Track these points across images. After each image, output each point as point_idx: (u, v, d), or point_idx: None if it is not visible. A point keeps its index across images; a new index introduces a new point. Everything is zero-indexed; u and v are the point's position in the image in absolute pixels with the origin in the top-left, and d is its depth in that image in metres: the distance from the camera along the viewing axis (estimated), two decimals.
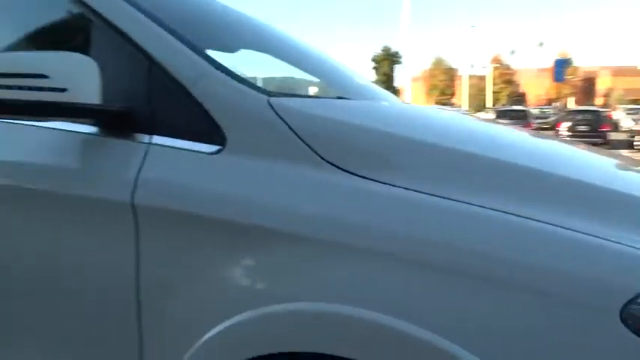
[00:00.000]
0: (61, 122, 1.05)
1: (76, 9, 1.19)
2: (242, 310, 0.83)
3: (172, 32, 1.09)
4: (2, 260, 1.15)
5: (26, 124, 1.09)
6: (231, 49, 1.97)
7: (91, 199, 1.01)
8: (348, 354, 0.77)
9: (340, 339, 0.79)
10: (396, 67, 35.88)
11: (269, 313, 0.83)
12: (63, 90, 0.96)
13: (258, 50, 2.09)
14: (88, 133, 1.06)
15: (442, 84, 53.49)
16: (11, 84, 0.95)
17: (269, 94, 1.01)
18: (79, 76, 0.98)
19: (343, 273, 0.81)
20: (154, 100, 1.04)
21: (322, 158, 0.88)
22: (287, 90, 2.15)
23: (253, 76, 2.20)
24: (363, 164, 0.87)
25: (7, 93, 0.95)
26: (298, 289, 0.84)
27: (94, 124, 1.05)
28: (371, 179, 0.85)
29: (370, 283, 0.79)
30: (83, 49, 1.09)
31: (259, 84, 2.07)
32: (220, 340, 0.85)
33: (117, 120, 1.04)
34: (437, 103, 40.71)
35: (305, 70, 2.04)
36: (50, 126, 1.07)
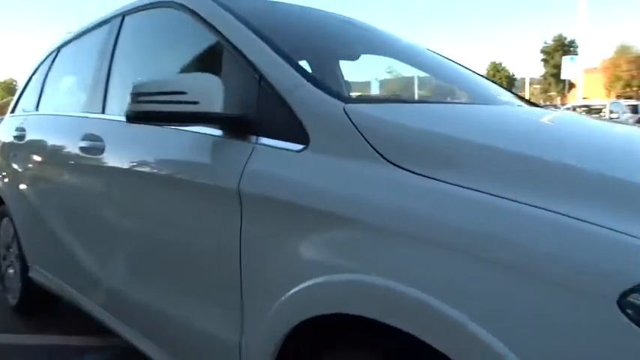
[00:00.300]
0: (195, 127, 1.39)
1: (210, 37, 1.53)
2: (316, 277, 1.04)
3: (279, 52, 1.35)
4: (156, 229, 1.57)
5: (174, 129, 1.45)
6: (353, 56, 2.22)
7: (213, 187, 1.32)
8: (391, 322, 0.92)
9: (384, 308, 0.94)
10: (565, 58, 32.17)
11: (334, 281, 1.02)
12: (196, 103, 1.27)
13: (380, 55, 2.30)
14: (215, 135, 1.37)
15: (627, 75, 46.65)
16: (161, 100, 1.29)
17: (347, 100, 1.19)
18: (207, 91, 1.28)
19: (395, 255, 0.96)
20: (261, 108, 1.30)
21: (383, 157, 1.04)
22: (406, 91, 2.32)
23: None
24: (417, 163, 1.00)
25: (158, 106, 1.30)
26: (359, 264, 1.01)
27: (219, 128, 1.36)
28: (426, 176, 0.96)
29: (416, 265, 0.92)
30: (212, 69, 1.41)
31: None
32: (299, 296, 1.07)
33: (234, 124, 1.33)
34: (618, 96, 35.74)
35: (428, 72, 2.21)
36: (189, 130, 1.41)
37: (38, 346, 2.46)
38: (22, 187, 2.61)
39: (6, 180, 2.82)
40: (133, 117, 1.35)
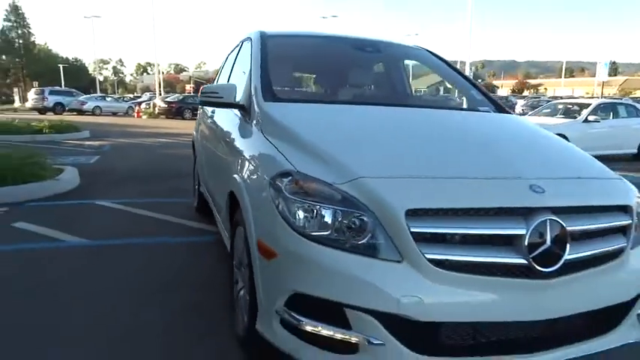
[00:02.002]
0: (227, 108, 2.85)
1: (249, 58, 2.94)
2: (233, 175, 2.38)
3: (264, 70, 2.69)
4: (218, 153, 3.10)
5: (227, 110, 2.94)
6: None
7: (229, 134, 2.77)
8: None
9: (236, 188, 2.25)
10: None
11: (235, 177, 2.35)
12: (221, 97, 2.71)
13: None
14: (235, 114, 2.80)
15: None
16: (209, 96, 2.76)
17: (267, 99, 2.47)
18: (227, 92, 2.71)
19: (243, 167, 2.26)
20: (249, 101, 2.65)
21: (261, 131, 2.31)
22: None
23: None
24: (277, 138, 2.23)
25: (209, 99, 2.78)
26: (239, 169, 2.32)
27: (239, 110, 2.77)
28: (274, 143, 2.19)
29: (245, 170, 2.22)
30: (245, 77, 2.84)
31: None
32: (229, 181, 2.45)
33: (239, 108, 2.72)
34: None
35: None
36: (227, 110, 2.88)
37: (193, 227, 4.39)
38: (197, 137, 4.53)
39: (196, 134, 4.80)
40: (200, 103, 2.88)
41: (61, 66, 64.87)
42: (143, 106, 32.39)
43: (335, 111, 2.56)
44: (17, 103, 50.10)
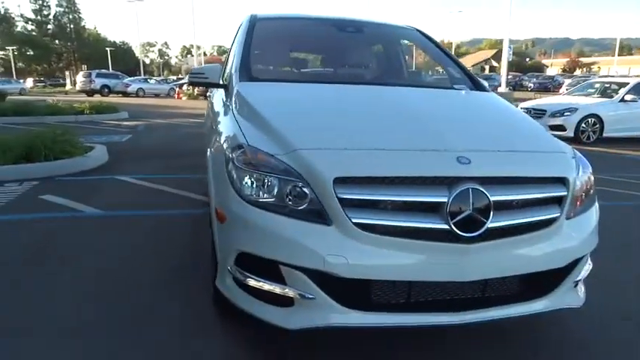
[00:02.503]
0: (215, 87, 3.05)
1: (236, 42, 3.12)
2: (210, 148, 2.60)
3: (245, 51, 2.87)
4: (211, 125, 3.32)
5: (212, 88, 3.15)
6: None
7: (214, 113, 2.97)
8: None
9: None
10: None
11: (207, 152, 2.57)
12: (207, 78, 2.92)
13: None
14: (222, 94, 3.00)
15: None
16: (197, 76, 2.97)
17: (242, 80, 2.65)
18: (212, 72, 2.91)
19: (216, 137, 2.45)
20: (229, 81, 2.84)
21: (233, 109, 2.50)
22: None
23: None
24: (239, 114, 2.41)
25: (195, 79, 2.98)
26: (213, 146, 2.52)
27: (222, 88, 2.97)
28: (238, 120, 2.38)
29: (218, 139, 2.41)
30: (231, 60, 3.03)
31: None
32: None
33: (223, 88, 2.92)
34: None
35: None
36: (219, 90, 3.09)
37: (199, 200, 4.67)
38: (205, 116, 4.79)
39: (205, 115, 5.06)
40: (189, 83, 3.09)
41: (108, 49, 67.12)
42: (184, 87, 33.27)
43: (300, 89, 2.72)
44: (68, 86, 52.45)
